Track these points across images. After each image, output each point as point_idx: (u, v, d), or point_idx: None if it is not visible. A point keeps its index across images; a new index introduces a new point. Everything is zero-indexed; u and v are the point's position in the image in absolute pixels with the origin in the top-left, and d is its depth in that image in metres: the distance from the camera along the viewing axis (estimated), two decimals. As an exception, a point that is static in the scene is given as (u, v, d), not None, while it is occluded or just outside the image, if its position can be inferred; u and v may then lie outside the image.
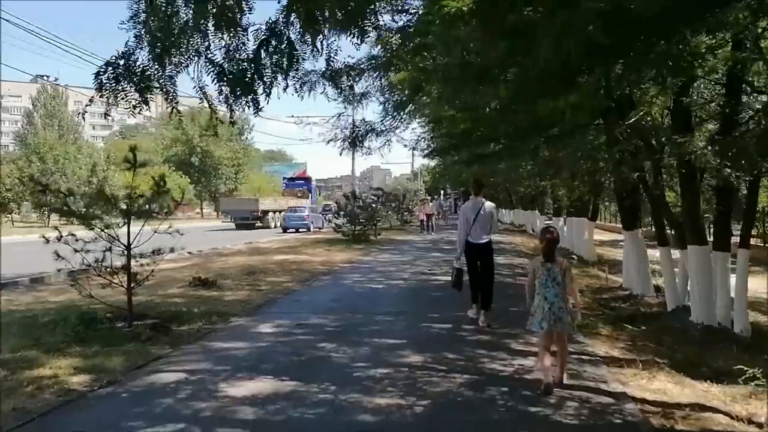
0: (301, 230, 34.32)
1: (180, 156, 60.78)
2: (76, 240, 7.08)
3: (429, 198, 41.23)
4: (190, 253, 18.55)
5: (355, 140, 10.26)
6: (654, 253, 10.47)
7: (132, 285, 7.46)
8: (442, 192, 69.56)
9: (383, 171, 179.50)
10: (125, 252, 7.37)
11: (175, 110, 6.10)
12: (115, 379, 5.19)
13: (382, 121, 10.33)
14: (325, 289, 10.83)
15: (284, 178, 64.30)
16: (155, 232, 7.45)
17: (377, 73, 9.82)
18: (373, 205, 24.07)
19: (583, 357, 6.13)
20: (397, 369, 5.52)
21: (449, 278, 8.19)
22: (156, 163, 59.66)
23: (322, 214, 36.07)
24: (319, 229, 34.68)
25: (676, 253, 8.92)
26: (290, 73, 5.78)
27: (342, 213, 22.05)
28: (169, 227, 7.44)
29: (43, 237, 6.86)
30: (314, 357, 5.97)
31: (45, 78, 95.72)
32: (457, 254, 7.98)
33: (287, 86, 5.98)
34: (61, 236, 6.95)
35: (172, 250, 7.81)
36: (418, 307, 9.11)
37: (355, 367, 5.64)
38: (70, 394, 4.79)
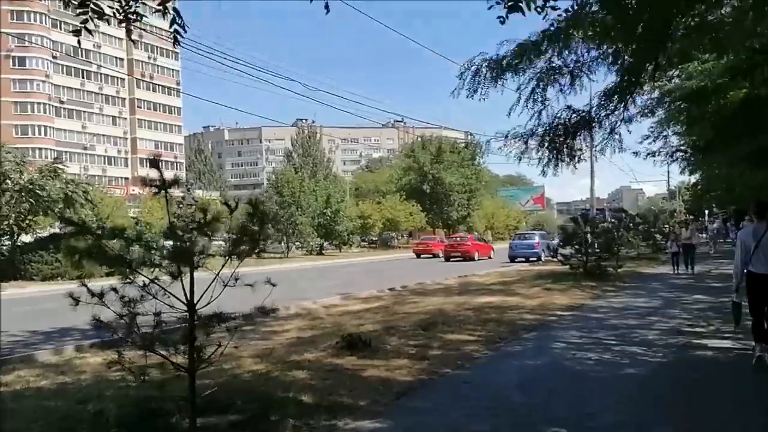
0: (531, 259, 30.47)
1: (413, 184, 60.97)
2: (122, 298, 4.90)
3: (688, 219, 33.14)
4: (391, 289, 16.48)
5: (554, 138, 6.73)
6: None
7: (198, 365, 5.02)
8: (706, 213, 59.19)
9: (634, 191, 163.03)
10: (188, 313, 4.99)
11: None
12: None
13: (603, 105, 6.68)
14: (519, 359, 7.34)
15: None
16: (225, 284, 4.94)
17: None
18: (612, 231, 19.36)
19: None
20: None
21: (725, 343, 7.07)
22: (389, 192, 60.89)
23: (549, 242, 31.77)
24: (552, 258, 30.44)
25: None
26: None
27: (569, 240, 17.89)
28: (235, 280, 4.85)
29: (71, 296, 4.75)
30: None
31: (303, 121, 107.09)
32: (734, 285, 7.07)
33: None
34: (94, 294, 4.80)
35: (264, 312, 5.24)
36: (676, 418, 5.16)
37: None
38: None
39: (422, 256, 38.48)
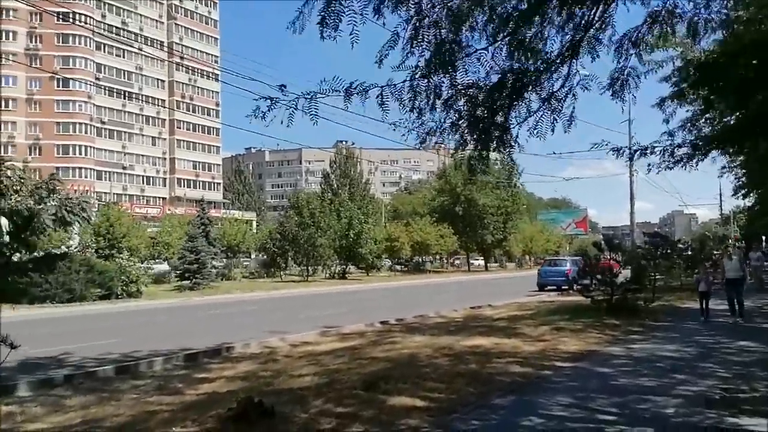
0: (563, 288, 27.75)
1: (445, 206, 58.73)
2: None
3: (732, 246, 28.56)
4: (383, 322, 14.50)
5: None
6: None
7: None
8: (764, 238, 54.67)
9: (687, 216, 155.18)
10: None
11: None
12: None
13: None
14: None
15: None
16: None
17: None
18: (645, 260, 16.77)
19: None
20: None
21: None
22: (425, 214, 58.72)
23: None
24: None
25: None
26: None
27: (586, 270, 15.41)
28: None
29: None
30: None
31: (343, 143, 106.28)
32: None
33: None
34: None
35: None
36: None
37: None
38: None
39: None
